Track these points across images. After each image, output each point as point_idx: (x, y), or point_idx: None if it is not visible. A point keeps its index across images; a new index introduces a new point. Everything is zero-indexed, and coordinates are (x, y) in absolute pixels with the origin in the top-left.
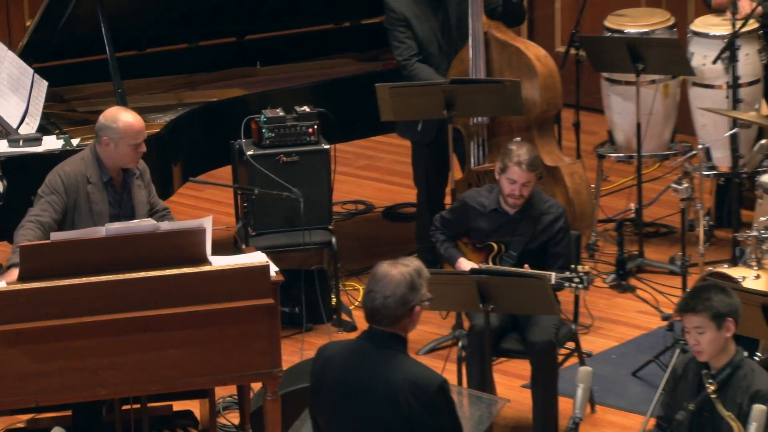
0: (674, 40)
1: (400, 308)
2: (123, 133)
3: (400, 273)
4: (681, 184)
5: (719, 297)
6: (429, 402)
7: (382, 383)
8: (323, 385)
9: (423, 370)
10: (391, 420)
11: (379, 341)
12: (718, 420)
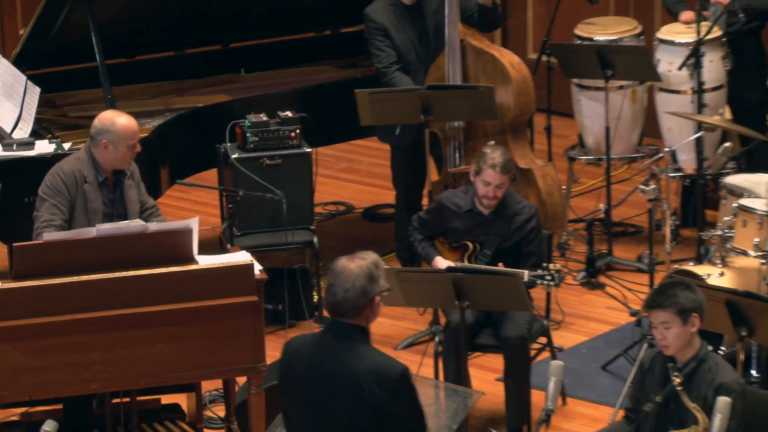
0: (641, 48)
1: (361, 299)
2: (121, 134)
3: (358, 266)
4: (648, 185)
5: (685, 293)
6: (392, 389)
7: (346, 373)
8: (291, 378)
9: (385, 360)
10: (356, 408)
11: (342, 333)
12: (684, 412)
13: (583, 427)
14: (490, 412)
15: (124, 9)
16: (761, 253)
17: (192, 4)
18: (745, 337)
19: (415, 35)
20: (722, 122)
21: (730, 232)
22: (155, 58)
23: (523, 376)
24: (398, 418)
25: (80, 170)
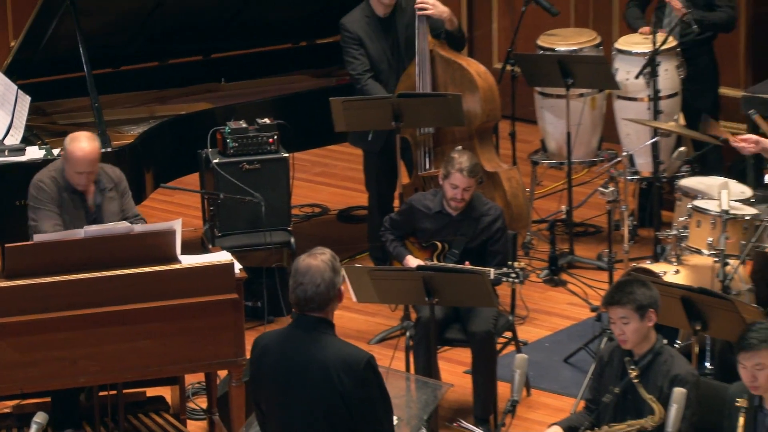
0: (600, 57)
1: (331, 291)
2: (69, 158)
3: (322, 261)
4: (607, 187)
5: (641, 290)
6: (359, 377)
7: (315, 364)
8: (262, 373)
9: (351, 349)
10: (326, 397)
11: (309, 326)
12: (641, 402)
13: (546, 416)
14: (458, 403)
15: (109, 22)
16: (714, 252)
17: (174, 17)
18: (699, 331)
19: (388, 46)
20: (677, 128)
21: (684, 231)
22: (140, 68)
23: (489, 368)
24: (366, 404)
25: (59, 180)
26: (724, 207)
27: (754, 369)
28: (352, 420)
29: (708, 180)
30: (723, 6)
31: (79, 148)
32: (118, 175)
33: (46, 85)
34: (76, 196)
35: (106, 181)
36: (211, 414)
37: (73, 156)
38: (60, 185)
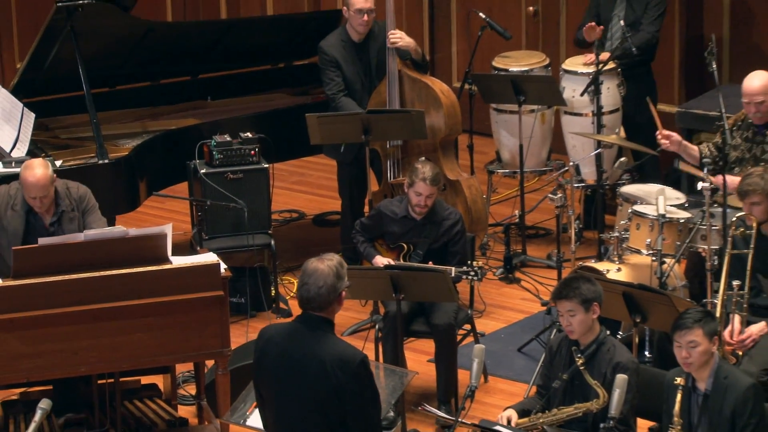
0: (549, 77)
1: (332, 294)
2: (22, 183)
3: (328, 266)
4: (556, 194)
5: (586, 286)
6: (353, 373)
7: (314, 359)
8: (265, 361)
9: (348, 348)
10: (321, 389)
11: (311, 324)
12: (587, 388)
13: (502, 401)
14: (423, 389)
15: (106, 46)
16: (652, 252)
17: (164, 42)
18: (639, 323)
19: (361, 68)
20: (618, 140)
21: (625, 233)
22: (133, 88)
23: (450, 357)
24: (357, 398)
25: (11, 196)
26: (661, 211)
27: (688, 346)
28: (344, 412)
29: (646, 187)
30: (645, 24)
31: (32, 174)
32: (82, 194)
33: (49, 102)
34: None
35: (67, 203)
36: (199, 400)
37: (27, 182)
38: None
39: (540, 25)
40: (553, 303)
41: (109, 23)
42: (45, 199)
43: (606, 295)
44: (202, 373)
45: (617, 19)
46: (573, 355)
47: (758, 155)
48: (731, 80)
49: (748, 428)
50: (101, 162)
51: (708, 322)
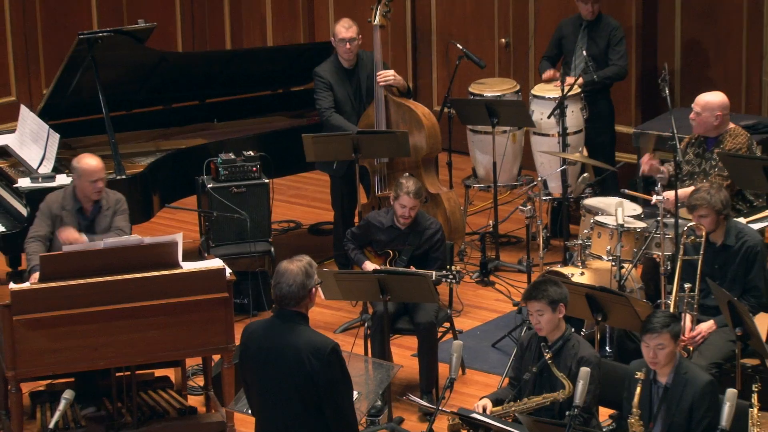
0: (519, 102)
1: (301, 291)
2: (81, 172)
3: (297, 267)
4: (526, 206)
5: (553, 288)
6: (325, 360)
7: (290, 348)
8: (248, 354)
9: (320, 337)
10: (297, 375)
11: (286, 318)
12: (554, 379)
13: (478, 391)
14: (407, 380)
15: (123, 73)
16: (612, 258)
17: (174, 70)
18: (601, 321)
19: (351, 91)
20: (581, 158)
21: (588, 241)
22: (147, 111)
23: (432, 352)
24: (330, 383)
25: (60, 201)
26: (620, 221)
27: (656, 348)
28: (319, 396)
29: (606, 200)
30: (613, 59)
31: (89, 163)
32: (119, 198)
33: (72, 124)
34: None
35: (105, 202)
36: (207, 390)
37: (89, 168)
38: (61, 205)
39: (511, 55)
40: (524, 303)
41: (125, 53)
42: (102, 182)
43: (571, 296)
44: (210, 367)
45: (580, 50)
46: (541, 350)
47: (707, 169)
48: (682, 104)
49: (704, 420)
50: (119, 177)
51: (675, 326)
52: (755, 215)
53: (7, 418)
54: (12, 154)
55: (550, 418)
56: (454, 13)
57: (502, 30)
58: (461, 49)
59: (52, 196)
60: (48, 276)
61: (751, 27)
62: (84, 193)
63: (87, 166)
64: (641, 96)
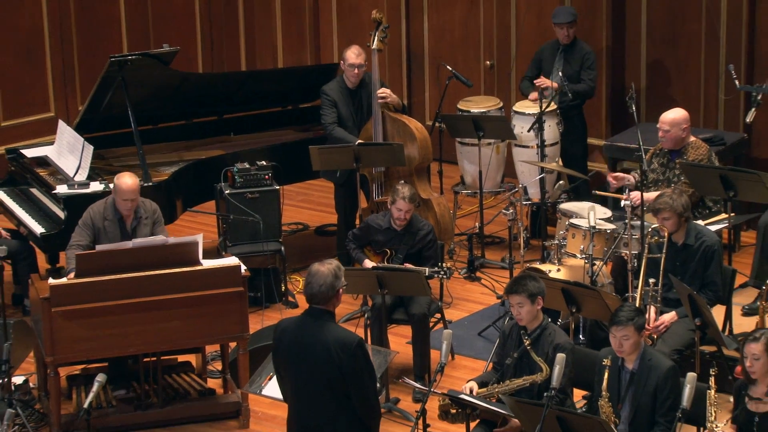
0: (502, 117)
1: (330, 292)
2: (117, 190)
3: (328, 269)
4: (508, 210)
5: (533, 283)
6: (351, 353)
7: (319, 343)
8: (281, 347)
9: (347, 333)
10: (327, 367)
11: (316, 315)
12: (533, 364)
13: (465, 374)
14: (402, 365)
15: (150, 93)
16: (585, 256)
17: (196, 89)
18: (575, 312)
19: (354, 109)
20: (557, 167)
21: (563, 241)
22: (171, 125)
23: (424, 340)
24: (356, 374)
25: (104, 210)
26: (592, 224)
27: (622, 339)
28: (346, 385)
29: (580, 204)
30: (586, 80)
31: (125, 182)
32: (154, 208)
33: (104, 137)
34: (116, 222)
35: (143, 212)
36: (224, 374)
37: (122, 188)
38: (103, 215)
39: (495, 75)
40: (506, 296)
41: (152, 74)
42: (134, 202)
43: (548, 290)
44: (227, 353)
45: (557, 71)
46: (522, 338)
47: (671, 178)
48: (647, 119)
49: (668, 401)
50: (146, 184)
51: (639, 319)
52: (713, 218)
53: (47, 398)
54: (51, 164)
55: (529, 398)
56: (444, 39)
57: (487, 53)
58: (450, 70)
59: (94, 207)
60: (83, 272)
61: (708, 50)
62: (119, 207)
63: (121, 185)
64: (611, 112)
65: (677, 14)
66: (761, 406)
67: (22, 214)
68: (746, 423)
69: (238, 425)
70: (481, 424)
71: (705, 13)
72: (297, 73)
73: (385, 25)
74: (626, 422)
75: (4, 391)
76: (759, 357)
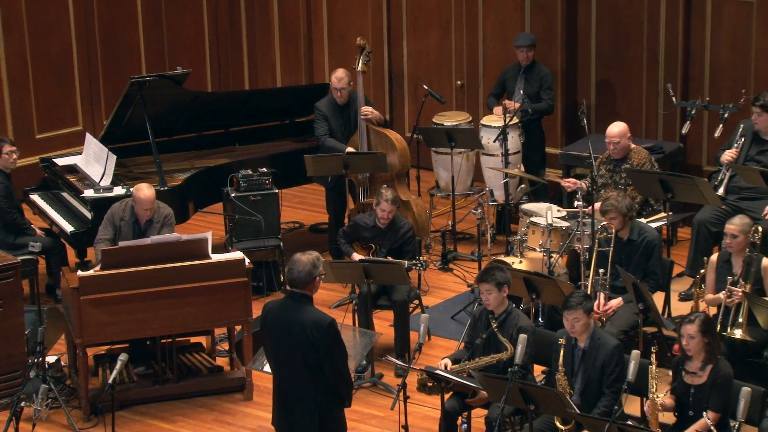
0: (472, 130)
1: (308, 278)
2: (135, 200)
3: (307, 258)
4: (477, 210)
5: (499, 273)
6: (324, 332)
7: (297, 322)
8: (266, 326)
9: (321, 314)
10: (303, 344)
11: (296, 299)
12: (499, 343)
13: (440, 353)
14: (385, 345)
15: (165, 109)
16: (543, 250)
17: (205, 106)
18: (535, 299)
19: (342, 122)
20: (519, 173)
21: (525, 237)
22: (184, 137)
23: (405, 323)
24: (328, 349)
25: (121, 212)
26: (549, 222)
27: (573, 321)
28: (320, 358)
29: (539, 205)
30: (545, 99)
31: (144, 194)
32: (167, 213)
33: (126, 148)
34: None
35: (156, 216)
36: (231, 353)
37: (140, 199)
38: (121, 216)
39: (465, 93)
40: (476, 285)
41: (167, 93)
42: (150, 211)
43: (512, 279)
44: (233, 335)
45: (519, 90)
46: (489, 321)
47: (617, 181)
48: (596, 131)
49: (613, 375)
50: (162, 189)
51: (587, 303)
52: (654, 216)
53: (76, 375)
54: (79, 171)
55: (496, 373)
56: (421, 61)
57: (458, 74)
58: (426, 89)
59: (115, 206)
60: (108, 265)
61: (649, 72)
62: (137, 213)
63: (140, 196)
64: (565, 125)
65: (622, 40)
66: (696, 379)
67: (54, 214)
68: (683, 394)
69: (243, 397)
70: (454, 395)
71: (646, 39)
72: (293, 91)
73: (369, 50)
74: (578, 393)
75: (39, 368)
76: (694, 336)
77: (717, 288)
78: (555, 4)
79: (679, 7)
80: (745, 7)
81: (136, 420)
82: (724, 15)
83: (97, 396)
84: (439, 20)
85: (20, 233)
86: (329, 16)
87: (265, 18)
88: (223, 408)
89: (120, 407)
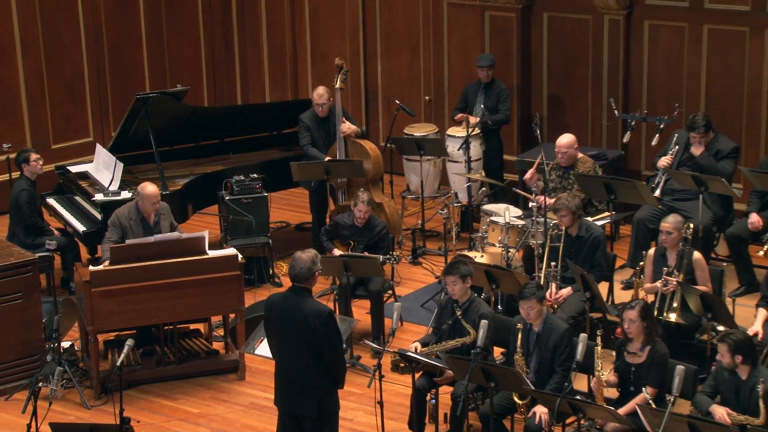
0: (438, 140)
1: (308, 273)
2: (144, 197)
3: (308, 256)
4: (443, 210)
5: (463, 266)
6: (324, 321)
7: (300, 313)
8: (269, 317)
9: (321, 306)
10: (305, 332)
11: (297, 291)
12: (463, 328)
13: (412, 337)
14: (363, 330)
15: (167, 122)
16: (502, 245)
17: (202, 119)
18: (495, 288)
19: (324, 133)
20: (480, 177)
21: (486, 234)
22: (184, 147)
23: (380, 310)
24: (327, 337)
25: (128, 212)
26: (507, 220)
27: (528, 309)
28: (319, 345)
29: (498, 205)
30: (503, 111)
31: (150, 190)
32: (164, 206)
33: (132, 156)
34: (139, 221)
35: (161, 209)
36: (226, 338)
37: (148, 194)
38: (128, 216)
39: (432, 107)
40: (443, 277)
41: (169, 107)
42: (157, 205)
43: (475, 271)
44: (227, 322)
45: (479, 104)
46: (454, 309)
47: (566, 186)
48: (548, 140)
49: (563, 355)
50: (164, 192)
51: (540, 292)
52: (598, 215)
53: (88, 358)
54: (90, 177)
55: (460, 355)
56: (393, 78)
57: (427, 90)
58: (398, 103)
59: (120, 210)
60: (116, 261)
61: (593, 88)
62: (145, 209)
63: (146, 192)
64: (520, 134)
65: (571, 61)
66: (636, 359)
67: (68, 216)
68: (625, 372)
69: (237, 377)
70: (424, 374)
71: (591, 60)
72: (280, 106)
73: (346, 69)
74: (533, 372)
75: (55, 353)
76: (634, 321)
77: (654, 278)
78: (511, 29)
79: (620, 31)
80: (678, 31)
81: (141, 398)
82: (659, 38)
83: (107, 377)
84: (409, 43)
85: (39, 234)
86: (312, 39)
87: (255, 41)
88: (219, 387)
89: (127, 387)
